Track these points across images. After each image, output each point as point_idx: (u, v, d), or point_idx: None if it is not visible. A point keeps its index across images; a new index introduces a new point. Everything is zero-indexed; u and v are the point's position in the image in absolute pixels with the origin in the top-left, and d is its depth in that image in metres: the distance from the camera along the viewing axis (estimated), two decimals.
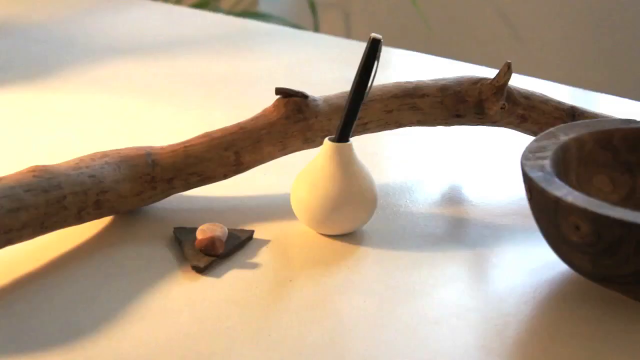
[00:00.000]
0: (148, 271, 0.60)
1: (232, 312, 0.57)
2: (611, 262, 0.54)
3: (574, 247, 0.55)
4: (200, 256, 0.61)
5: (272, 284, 0.60)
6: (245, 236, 0.64)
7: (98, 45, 1.07)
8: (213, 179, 0.68)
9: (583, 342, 0.54)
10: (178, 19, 1.21)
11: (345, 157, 0.64)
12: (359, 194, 0.64)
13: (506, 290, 0.60)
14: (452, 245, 0.65)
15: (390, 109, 0.72)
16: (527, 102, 0.73)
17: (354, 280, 0.60)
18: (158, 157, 0.66)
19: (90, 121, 0.86)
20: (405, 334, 0.55)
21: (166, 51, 1.06)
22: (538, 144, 0.62)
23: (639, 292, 0.55)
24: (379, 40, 0.63)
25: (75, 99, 0.91)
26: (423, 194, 0.73)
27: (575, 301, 0.58)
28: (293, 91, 0.69)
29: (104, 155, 0.64)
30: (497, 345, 0.54)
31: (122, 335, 0.54)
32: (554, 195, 0.55)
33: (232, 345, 0.53)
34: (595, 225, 0.53)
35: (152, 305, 0.57)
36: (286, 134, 0.68)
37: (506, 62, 0.71)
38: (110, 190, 0.63)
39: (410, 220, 0.68)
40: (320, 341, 0.54)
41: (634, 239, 0.52)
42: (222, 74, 0.99)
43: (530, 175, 0.58)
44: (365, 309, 0.57)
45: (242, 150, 0.68)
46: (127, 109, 0.89)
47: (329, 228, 0.65)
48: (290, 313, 0.57)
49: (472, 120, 0.74)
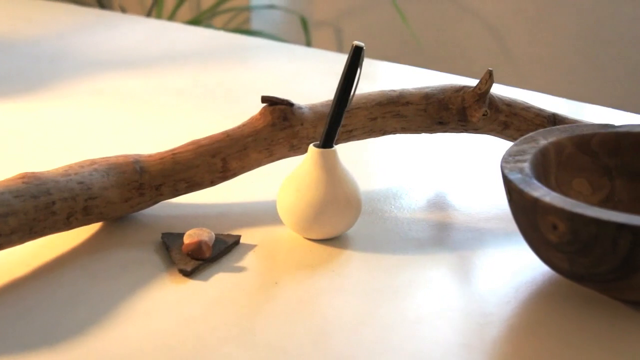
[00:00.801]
0: (135, 275, 0.61)
1: (218, 313, 0.57)
2: (588, 261, 0.55)
3: (552, 247, 0.56)
4: (187, 260, 0.62)
5: (257, 286, 0.61)
6: (232, 241, 0.65)
7: (88, 60, 1.09)
8: (200, 185, 0.69)
9: (563, 339, 0.55)
10: (169, 34, 1.23)
11: (330, 163, 0.66)
12: (343, 199, 0.65)
13: (488, 291, 0.61)
14: (435, 248, 0.66)
15: (375, 117, 0.73)
16: (509, 109, 0.75)
17: (338, 282, 0.61)
18: (146, 164, 0.67)
19: (80, 132, 0.87)
20: (388, 333, 0.56)
21: (156, 65, 1.08)
22: (518, 148, 0.64)
23: (615, 290, 0.56)
24: (361, 47, 0.64)
25: (65, 111, 0.92)
26: (407, 200, 0.74)
27: (556, 300, 0.59)
28: (279, 99, 0.70)
29: (92, 162, 0.65)
30: (479, 343, 0.55)
31: (108, 336, 0.55)
32: (532, 196, 0.56)
33: (217, 345, 0.54)
34: (571, 224, 0.54)
35: (138, 307, 0.58)
36: (272, 141, 0.70)
37: (488, 70, 0.72)
38: (98, 197, 0.64)
39: (394, 225, 0.70)
40: (305, 340, 0.55)
41: (608, 237, 0.53)
42: (212, 86, 1.01)
43: (509, 177, 0.59)
44: (349, 309, 0.58)
45: (229, 157, 0.69)
46: (116, 121, 0.90)
47: (314, 233, 0.66)
48: (276, 314, 0.58)
49: (455, 127, 0.75)
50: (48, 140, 0.85)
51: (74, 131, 0.87)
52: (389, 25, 2.05)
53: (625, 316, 0.58)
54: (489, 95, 0.74)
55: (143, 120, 0.90)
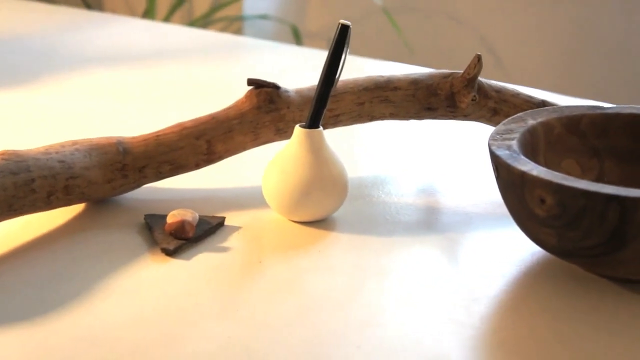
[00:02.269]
0: (117, 255, 0.60)
1: (200, 290, 0.56)
2: (575, 235, 0.54)
3: (540, 222, 0.55)
4: (170, 239, 0.61)
5: (241, 265, 0.60)
6: (216, 222, 0.64)
7: (78, 56, 1.08)
8: (185, 168, 0.68)
9: (550, 315, 0.54)
10: (159, 33, 1.22)
11: (316, 144, 0.65)
12: (330, 180, 0.65)
13: (476, 270, 0.60)
14: (423, 230, 0.65)
15: (362, 101, 0.72)
16: (498, 96, 0.74)
17: (324, 261, 0.60)
18: (129, 146, 0.66)
19: (69, 121, 0.86)
20: (375, 310, 0.55)
21: (147, 61, 1.07)
22: (506, 127, 0.63)
23: (603, 266, 0.55)
24: (347, 26, 0.64)
25: (54, 102, 0.91)
26: (396, 185, 0.73)
27: (543, 278, 0.59)
28: (265, 82, 0.69)
29: (74, 143, 0.65)
30: (466, 319, 0.54)
31: (88, 312, 0.54)
32: (520, 170, 0.55)
33: (198, 321, 0.53)
34: (559, 197, 0.53)
35: (119, 284, 0.57)
36: (258, 124, 0.69)
37: (476, 55, 0.72)
38: (80, 176, 0.63)
39: (382, 209, 0.69)
40: (289, 316, 0.54)
41: (597, 209, 0.52)
42: (202, 82, 1.00)
43: (496, 153, 0.58)
44: (334, 287, 0.57)
45: (214, 140, 0.68)
46: (105, 112, 0.89)
47: (300, 215, 0.65)
48: (260, 291, 0.56)
49: (444, 113, 0.74)
50: (36, 128, 0.84)
51: (63, 120, 0.86)
52: (382, 36, 2.05)
53: (612, 293, 0.57)
54: (478, 81, 0.74)
55: (132, 111, 0.89)
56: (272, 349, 0.51)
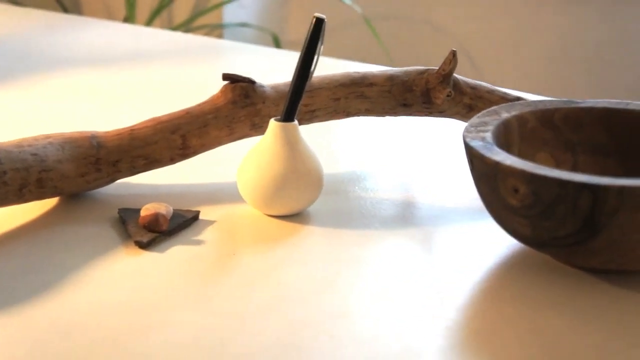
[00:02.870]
0: (90, 247, 0.60)
1: (174, 282, 0.56)
2: (549, 224, 0.54)
3: (514, 212, 0.56)
4: (144, 232, 0.61)
5: (215, 257, 0.59)
6: (191, 216, 0.64)
7: (56, 58, 1.07)
8: (160, 162, 0.68)
9: (525, 304, 0.54)
10: (137, 35, 1.22)
11: (291, 137, 0.65)
12: (304, 173, 0.64)
13: (451, 262, 0.60)
14: (399, 224, 0.65)
15: (338, 97, 0.72)
16: (473, 92, 0.74)
17: (298, 254, 0.60)
18: (103, 140, 0.66)
19: (42, 122, 0.85)
20: (349, 300, 0.55)
21: (124, 63, 1.07)
22: (480, 120, 0.63)
23: (576, 256, 0.55)
24: (322, 19, 0.64)
25: (31, 101, 0.90)
26: (372, 181, 0.73)
27: (517, 270, 0.59)
28: (240, 77, 0.69)
29: (47, 137, 0.64)
30: (440, 310, 0.54)
31: (60, 302, 0.53)
32: (493, 160, 0.56)
33: (171, 311, 0.53)
34: (532, 186, 0.54)
35: (91, 276, 0.56)
36: (233, 118, 0.69)
37: (451, 50, 0.72)
38: (53, 170, 0.62)
39: (358, 204, 0.69)
40: (263, 306, 0.53)
41: (569, 198, 0.53)
42: (180, 83, 1.00)
43: (470, 144, 0.58)
44: (309, 278, 0.57)
45: (189, 134, 0.68)
46: (82, 111, 0.89)
47: (275, 208, 0.65)
48: (233, 282, 0.56)
49: (420, 109, 0.74)
50: (10, 127, 0.83)
51: (38, 120, 0.86)
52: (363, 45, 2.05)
53: (585, 283, 0.57)
54: (453, 78, 0.74)
55: (108, 112, 0.89)
56: (245, 338, 0.50)
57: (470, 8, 1.95)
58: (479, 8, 1.94)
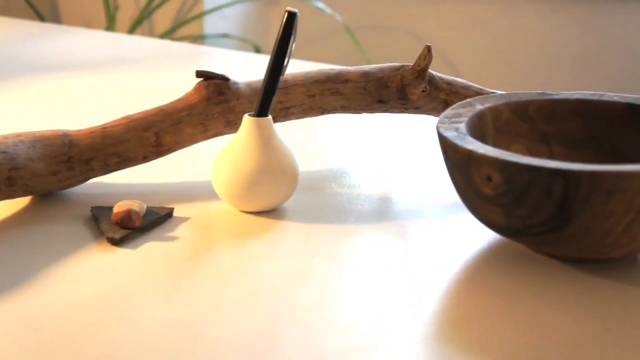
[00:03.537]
0: (62, 244, 0.59)
1: (146, 277, 0.55)
2: (523, 212, 0.54)
3: (488, 201, 0.55)
4: (116, 229, 0.60)
5: (189, 253, 0.59)
6: (164, 213, 0.63)
7: (32, 65, 1.07)
8: (133, 160, 0.67)
9: (500, 294, 0.54)
10: (117, 43, 1.21)
11: (265, 132, 0.64)
12: (279, 168, 0.64)
13: (426, 255, 0.59)
14: (375, 218, 0.65)
15: (313, 94, 0.72)
16: (449, 88, 0.74)
17: (274, 248, 0.60)
18: (75, 138, 0.65)
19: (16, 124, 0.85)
20: (325, 292, 0.54)
21: (104, 68, 1.06)
22: (454, 112, 0.63)
23: (550, 244, 0.55)
24: (294, 14, 0.64)
25: (2, 106, 0.90)
26: (348, 177, 0.73)
27: (493, 261, 0.58)
28: (214, 74, 0.69)
29: (17, 135, 0.63)
30: (416, 299, 0.53)
31: (30, 297, 0.52)
32: (466, 149, 0.55)
33: (143, 305, 0.52)
34: (505, 173, 0.53)
35: (62, 272, 0.55)
36: (207, 115, 0.68)
37: (426, 45, 0.72)
38: (23, 168, 0.61)
39: (333, 200, 0.68)
40: (237, 299, 0.53)
41: (542, 185, 0.52)
42: (159, 87, 1.00)
43: (444, 134, 0.58)
44: (284, 272, 0.56)
45: (162, 131, 0.67)
46: (55, 116, 0.88)
47: (250, 204, 0.64)
48: (208, 276, 0.55)
49: (396, 106, 0.74)
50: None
51: (13, 120, 0.85)
52: (346, 55, 2.06)
53: (560, 272, 0.57)
54: (429, 74, 0.74)
55: (84, 114, 0.88)
56: (218, 329, 0.50)
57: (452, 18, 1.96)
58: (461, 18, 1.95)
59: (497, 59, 1.92)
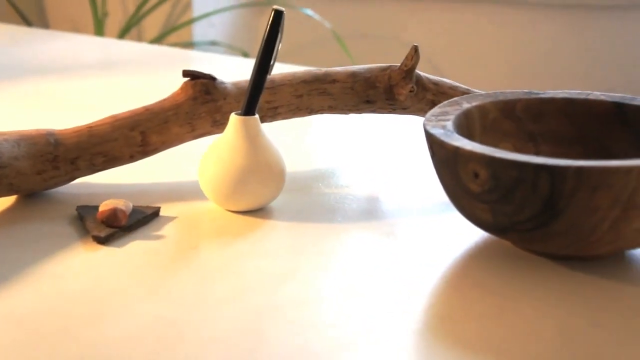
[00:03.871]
0: (47, 243, 0.59)
1: (131, 274, 0.55)
2: (510, 209, 0.54)
3: (475, 198, 0.55)
4: (102, 227, 0.60)
5: (175, 251, 0.58)
6: (151, 212, 0.63)
7: (19, 68, 1.06)
8: (119, 160, 0.67)
9: (488, 291, 0.54)
10: (106, 47, 1.21)
11: (252, 131, 0.64)
12: (266, 167, 0.64)
13: (414, 253, 0.59)
14: (363, 217, 0.65)
15: (301, 94, 0.72)
16: (436, 88, 0.74)
17: (260, 246, 0.59)
18: (60, 137, 0.65)
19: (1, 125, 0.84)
20: (312, 288, 0.54)
21: (92, 72, 1.06)
22: (441, 110, 0.63)
23: (537, 240, 0.55)
24: (281, 12, 0.64)
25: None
26: (336, 177, 0.73)
27: (481, 258, 0.58)
28: (201, 73, 0.69)
29: (2, 134, 0.63)
30: (404, 296, 0.53)
31: (14, 294, 0.52)
32: (453, 146, 0.55)
33: (127, 302, 0.52)
34: (492, 169, 0.53)
35: (47, 270, 0.55)
36: (194, 115, 0.68)
37: (413, 46, 0.72)
38: (8, 166, 0.61)
39: (321, 199, 0.68)
40: (222, 296, 0.52)
41: (528, 180, 0.52)
42: (147, 90, 0.99)
43: (431, 132, 0.58)
44: (271, 270, 0.56)
45: (149, 131, 0.67)
46: (42, 117, 0.87)
47: (237, 203, 0.64)
48: (193, 273, 0.55)
49: (384, 106, 0.74)
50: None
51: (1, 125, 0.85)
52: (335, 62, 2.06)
53: (548, 269, 0.57)
54: (416, 74, 0.74)
55: (71, 116, 0.88)
56: (203, 326, 0.49)
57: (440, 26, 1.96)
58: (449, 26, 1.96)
59: (484, 66, 1.93)
